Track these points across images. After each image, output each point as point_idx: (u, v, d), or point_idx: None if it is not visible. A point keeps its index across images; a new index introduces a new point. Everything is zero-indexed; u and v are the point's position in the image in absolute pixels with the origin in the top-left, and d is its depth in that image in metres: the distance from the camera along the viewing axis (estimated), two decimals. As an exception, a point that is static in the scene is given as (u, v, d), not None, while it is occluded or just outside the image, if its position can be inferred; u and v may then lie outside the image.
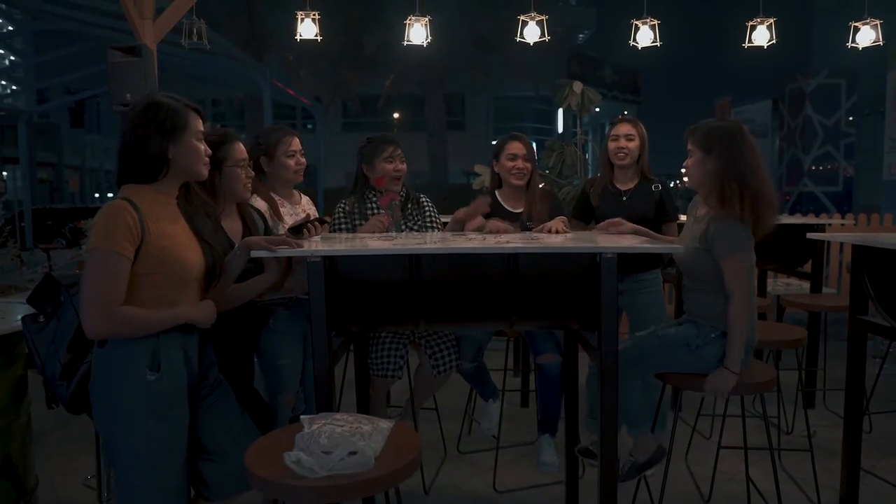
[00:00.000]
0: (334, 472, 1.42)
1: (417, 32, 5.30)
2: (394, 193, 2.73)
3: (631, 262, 2.92)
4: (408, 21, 5.28)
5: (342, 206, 2.80)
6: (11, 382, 2.26)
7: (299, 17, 5.28)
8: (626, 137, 3.02)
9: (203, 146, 1.79)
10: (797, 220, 4.47)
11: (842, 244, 5.68)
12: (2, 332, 2.14)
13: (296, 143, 2.61)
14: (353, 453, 1.45)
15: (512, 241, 2.17)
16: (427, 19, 5.27)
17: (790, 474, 2.99)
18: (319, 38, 5.32)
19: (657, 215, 3.01)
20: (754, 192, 2.15)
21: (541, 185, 3.09)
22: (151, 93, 1.80)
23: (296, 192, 2.73)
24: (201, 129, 1.80)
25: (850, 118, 13.36)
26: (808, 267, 4.13)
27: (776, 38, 5.42)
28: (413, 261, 2.02)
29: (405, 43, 5.32)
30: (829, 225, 4.30)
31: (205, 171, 1.81)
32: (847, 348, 2.68)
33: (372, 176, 2.77)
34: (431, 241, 2.20)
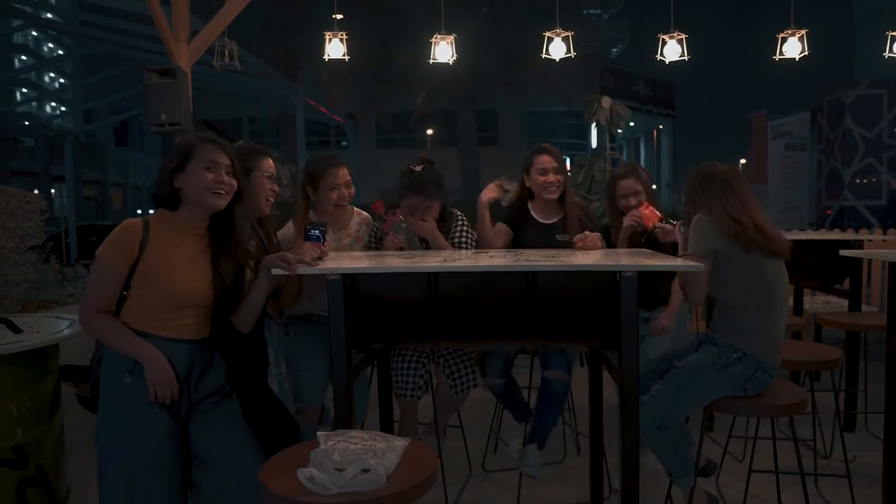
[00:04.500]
0: (347, 489, 1.42)
1: (443, 50, 5.34)
2: (393, 216, 2.65)
3: (651, 296, 2.82)
4: (433, 39, 5.33)
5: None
6: (45, 395, 2.33)
7: (327, 38, 5.38)
8: (633, 194, 2.91)
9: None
10: (834, 235, 4.34)
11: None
12: (37, 346, 2.21)
13: (342, 175, 2.55)
14: (365, 471, 1.45)
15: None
16: (453, 37, 5.31)
17: (827, 500, 2.87)
18: (347, 58, 5.42)
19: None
20: (746, 227, 2.17)
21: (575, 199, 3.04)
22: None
23: (347, 213, 2.68)
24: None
25: (895, 129, 12.94)
26: (846, 284, 4.00)
27: (812, 48, 5.30)
28: (431, 278, 2.02)
29: (431, 61, 5.37)
30: (870, 241, 4.16)
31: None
32: (886, 369, 2.58)
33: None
34: (450, 259, 2.21)
